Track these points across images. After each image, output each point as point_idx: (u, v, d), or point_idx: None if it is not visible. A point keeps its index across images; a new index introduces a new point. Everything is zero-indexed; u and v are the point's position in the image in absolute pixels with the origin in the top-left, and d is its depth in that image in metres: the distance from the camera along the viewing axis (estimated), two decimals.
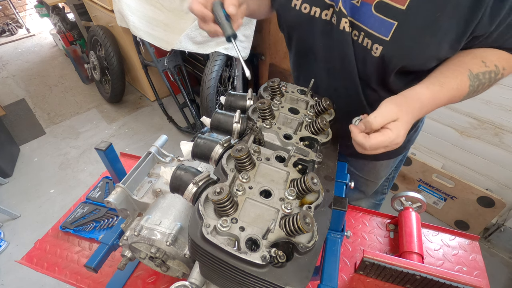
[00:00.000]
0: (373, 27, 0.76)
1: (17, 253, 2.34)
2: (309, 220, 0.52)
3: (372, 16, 0.75)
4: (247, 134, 0.74)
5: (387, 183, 1.43)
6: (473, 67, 0.74)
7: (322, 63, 0.93)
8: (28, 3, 6.05)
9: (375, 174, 1.26)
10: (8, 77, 4.44)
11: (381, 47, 0.76)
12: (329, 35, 0.85)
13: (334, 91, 0.95)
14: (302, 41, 0.95)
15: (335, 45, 0.85)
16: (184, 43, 2.44)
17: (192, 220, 0.56)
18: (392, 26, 0.72)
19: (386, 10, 0.72)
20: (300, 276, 0.51)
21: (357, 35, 0.80)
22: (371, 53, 0.79)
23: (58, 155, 3.18)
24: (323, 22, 0.84)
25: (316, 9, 0.83)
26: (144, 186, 0.95)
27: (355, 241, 1.12)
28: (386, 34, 0.74)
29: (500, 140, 1.87)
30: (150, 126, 3.45)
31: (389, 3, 0.71)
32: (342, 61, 0.87)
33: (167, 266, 0.83)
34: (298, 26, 0.91)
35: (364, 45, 0.80)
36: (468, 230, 2.23)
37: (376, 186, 1.36)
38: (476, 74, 0.74)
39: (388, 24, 0.73)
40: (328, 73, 0.94)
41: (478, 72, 0.75)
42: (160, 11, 2.65)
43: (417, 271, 0.88)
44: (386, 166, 1.23)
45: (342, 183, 0.89)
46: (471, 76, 0.74)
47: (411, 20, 0.70)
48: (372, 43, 0.77)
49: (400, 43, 0.73)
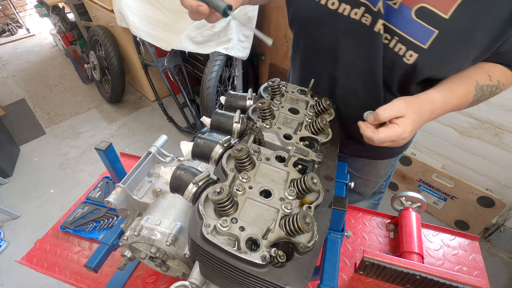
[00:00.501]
0: (411, 33, 0.72)
1: (17, 253, 2.34)
2: (309, 220, 0.52)
3: (411, 22, 0.71)
4: (247, 134, 0.74)
5: (384, 182, 1.43)
6: (480, 79, 0.78)
7: (342, 65, 0.87)
8: (28, 3, 6.05)
9: (375, 173, 1.26)
10: (8, 77, 4.44)
11: (416, 54, 0.73)
12: (356, 35, 0.79)
13: (352, 91, 0.91)
14: (319, 40, 0.88)
15: (363, 47, 0.80)
16: (184, 43, 2.44)
17: (192, 220, 0.56)
18: (432, 34, 0.69)
19: (428, 16, 0.69)
20: (300, 276, 0.51)
21: (388, 39, 0.76)
22: (402, 59, 0.75)
23: (58, 155, 3.18)
24: (351, 21, 0.77)
25: (346, 6, 0.76)
26: (144, 186, 0.95)
27: (355, 241, 1.12)
28: (424, 42, 0.71)
29: (500, 140, 1.87)
30: (150, 126, 3.45)
31: (432, 10, 0.68)
32: (368, 64, 0.82)
33: (167, 266, 0.83)
34: (318, 22, 0.83)
35: (395, 50, 0.76)
36: (468, 230, 2.23)
37: (376, 186, 1.36)
38: (481, 85, 0.78)
39: (428, 31, 0.70)
40: (348, 75, 0.89)
41: (483, 84, 0.78)
42: (160, 11, 2.65)
43: (417, 271, 0.88)
44: (387, 165, 1.23)
45: (342, 183, 0.89)
46: (477, 87, 0.78)
47: (452, 29, 0.68)
48: (407, 49, 0.73)
49: (438, 52, 0.71)
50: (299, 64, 1.03)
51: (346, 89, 0.92)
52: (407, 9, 0.71)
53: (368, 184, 1.32)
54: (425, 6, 0.68)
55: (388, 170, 1.28)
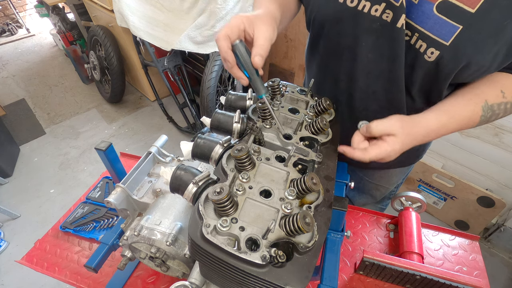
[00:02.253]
0: (432, 29, 0.68)
1: (17, 253, 2.34)
2: (309, 220, 0.52)
3: (433, 17, 0.67)
4: (247, 134, 0.74)
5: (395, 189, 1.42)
6: (490, 97, 0.73)
7: (362, 64, 0.83)
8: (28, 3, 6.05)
9: (386, 179, 1.25)
10: (8, 77, 4.44)
11: (437, 51, 0.69)
12: (377, 33, 0.75)
13: (372, 93, 0.88)
14: (338, 39, 0.85)
15: (385, 45, 0.76)
16: (184, 43, 2.45)
17: (192, 220, 0.56)
18: (456, 30, 0.65)
19: (451, 11, 0.64)
20: (300, 276, 0.51)
21: (409, 36, 0.72)
22: (423, 57, 0.72)
23: (58, 155, 3.18)
24: (372, 18, 0.74)
25: (365, 3, 0.73)
26: (144, 186, 0.95)
27: (355, 241, 1.12)
28: (446, 38, 0.66)
29: (500, 140, 1.87)
30: (150, 126, 3.45)
31: (456, 4, 0.63)
32: (389, 62, 0.78)
33: (167, 266, 0.83)
34: (338, 21, 0.81)
35: (416, 47, 0.72)
36: (468, 230, 2.23)
37: (387, 192, 1.34)
38: (491, 105, 0.73)
39: (451, 27, 0.65)
40: (367, 75, 0.85)
41: (494, 103, 0.73)
42: (160, 11, 2.65)
43: (417, 271, 0.88)
44: (399, 172, 1.22)
45: (342, 183, 0.90)
46: (485, 107, 0.73)
47: (478, 25, 0.63)
48: (428, 46, 0.70)
49: (461, 49, 0.66)
50: (317, 67, 1.00)
51: (365, 90, 0.89)
52: (428, 3, 0.67)
53: (379, 188, 1.31)
54: (448, 0, 0.64)
55: (400, 178, 1.27)
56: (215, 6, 2.31)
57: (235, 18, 0.69)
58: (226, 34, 0.67)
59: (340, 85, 0.93)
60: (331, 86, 0.96)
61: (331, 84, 0.96)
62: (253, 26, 0.70)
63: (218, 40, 0.67)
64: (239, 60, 0.69)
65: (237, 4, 2.39)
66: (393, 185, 1.31)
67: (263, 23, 0.71)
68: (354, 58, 0.84)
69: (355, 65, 0.85)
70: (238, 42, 0.68)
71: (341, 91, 0.94)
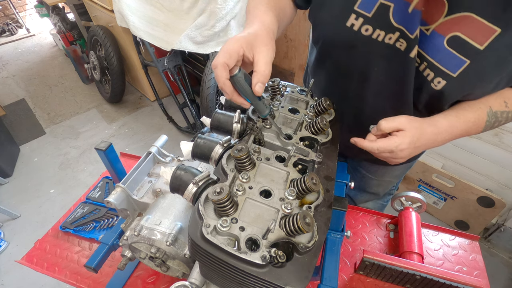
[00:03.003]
0: (441, 61, 0.71)
1: (17, 253, 2.34)
2: (309, 220, 0.52)
3: (443, 50, 0.70)
4: (247, 134, 0.74)
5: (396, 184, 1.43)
6: (494, 104, 0.77)
7: (372, 85, 0.86)
8: (28, 3, 6.05)
9: (390, 174, 1.26)
10: (8, 77, 4.44)
11: (444, 81, 0.72)
12: (389, 58, 0.78)
13: (381, 110, 0.90)
14: (348, 62, 0.86)
15: (396, 70, 0.79)
16: (184, 43, 2.45)
17: (192, 220, 0.56)
18: (463, 63, 0.68)
19: (461, 46, 0.67)
20: (300, 276, 0.51)
21: (418, 63, 0.76)
22: (430, 85, 0.75)
23: (58, 155, 3.18)
24: (385, 45, 0.76)
25: (380, 32, 0.75)
26: (144, 186, 0.95)
27: (355, 241, 1.12)
28: (453, 71, 0.70)
29: (500, 140, 1.87)
30: (150, 126, 3.45)
31: (466, 40, 0.66)
32: (399, 85, 0.82)
33: (167, 266, 0.83)
34: (350, 47, 0.82)
35: (424, 75, 0.76)
36: (468, 230, 2.23)
37: (390, 186, 1.36)
38: (495, 112, 0.77)
39: (459, 60, 0.68)
40: (377, 95, 0.89)
41: (497, 111, 0.77)
42: (160, 11, 2.65)
43: (417, 271, 0.88)
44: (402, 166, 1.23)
45: (342, 183, 0.89)
46: (490, 113, 0.77)
47: (485, 60, 0.67)
48: (435, 76, 0.73)
49: (467, 81, 0.70)
50: (324, 81, 1.00)
51: (374, 108, 0.92)
52: (440, 37, 0.69)
53: (382, 184, 1.32)
54: (459, 36, 0.67)
55: (404, 171, 1.29)
56: (215, 6, 2.31)
57: (233, 42, 0.65)
58: (224, 63, 0.63)
59: (348, 101, 0.95)
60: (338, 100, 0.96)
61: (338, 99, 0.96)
62: (253, 49, 0.67)
63: (216, 68, 0.64)
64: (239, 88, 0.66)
65: (237, 4, 2.39)
66: (397, 178, 1.32)
67: (263, 44, 0.68)
68: (365, 80, 0.86)
69: (365, 86, 0.88)
70: (237, 73, 0.65)
71: (350, 105, 0.96)
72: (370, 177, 1.27)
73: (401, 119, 0.74)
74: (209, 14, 2.37)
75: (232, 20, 2.43)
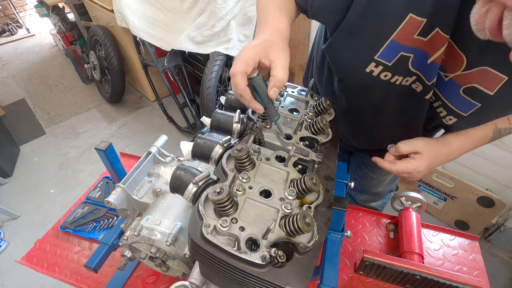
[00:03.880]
0: (455, 104, 0.77)
1: (17, 253, 2.34)
2: (309, 220, 0.52)
3: (458, 96, 0.75)
4: (247, 134, 0.74)
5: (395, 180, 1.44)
6: (499, 122, 0.83)
7: (385, 118, 0.93)
8: (28, 3, 6.05)
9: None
10: (8, 77, 4.44)
11: (455, 119, 0.79)
12: (406, 98, 0.83)
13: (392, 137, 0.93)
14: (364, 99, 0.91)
15: (410, 107, 0.86)
16: (184, 43, 2.45)
17: (192, 220, 0.56)
18: (475, 106, 0.74)
19: (475, 94, 0.72)
20: (300, 276, 0.51)
21: (432, 99, 0.81)
22: (442, 120, 0.83)
23: (58, 155, 3.18)
24: (402, 87, 0.80)
25: (398, 77, 0.78)
26: (144, 186, 0.95)
27: (355, 241, 1.12)
28: (465, 112, 0.76)
29: (500, 140, 1.87)
30: (150, 126, 3.45)
31: (479, 88, 0.71)
32: (412, 119, 0.89)
33: (167, 266, 0.83)
34: (368, 88, 0.86)
35: (437, 111, 0.82)
36: (468, 230, 2.23)
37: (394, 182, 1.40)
38: (499, 129, 0.84)
39: (471, 105, 0.74)
40: (389, 126, 0.96)
41: (501, 128, 0.84)
42: (160, 11, 2.65)
43: (417, 271, 0.88)
44: None
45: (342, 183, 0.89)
46: (495, 130, 0.84)
47: (494, 103, 0.72)
48: (447, 114, 0.80)
49: (476, 118, 0.77)
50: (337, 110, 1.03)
51: (386, 135, 0.99)
52: (457, 86, 0.74)
53: (383, 182, 1.34)
54: (474, 86, 0.71)
55: None
56: (215, 6, 2.31)
57: (249, 50, 0.67)
58: (243, 71, 0.65)
59: (360, 128, 1.06)
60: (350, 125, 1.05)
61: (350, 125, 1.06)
62: (269, 56, 0.68)
63: (235, 76, 0.65)
64: (257, 92, 0.68)
65: (237, 4, 2.39)
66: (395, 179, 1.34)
67: (279, 49, 0.69)
68: (378, 113, 0.93)
69: (378, 118, 0.95)
70: (256, 76, 0.66)
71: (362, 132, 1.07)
72: (372, 176, 1.27)
73: (418, 142, 0.81)
74: (209, 14, 2.37)
75: (232, 20, 2.43)
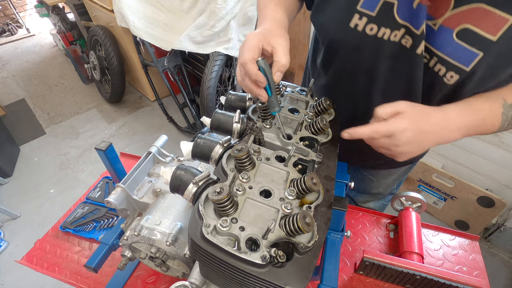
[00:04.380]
0: (452, 55, 0.68)
1: (17, 253, 2.34)
2: (309, 220, 0.52)
3: (452, 43, 0.67)
4: (247, 134, 0.74)
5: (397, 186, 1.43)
6: (508, 97, 0.70)
7: (379, 85, 0.84)
8: (28, 3, 6.05)
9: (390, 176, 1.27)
10: (8, 77, 4.44)
11: (457, 75, 0.69)
12: (396, 57, 0.76)
13: None
14: (355, 64, 0.84)
15: (403, 68, 0.77)
16: (184, 43, 2.45)
17: (192, 220, 0.56)
18: (476, 56, 0.65)
19: (472, 38, 0.64)
20: (300, 276, 0.51)
21: (427, 59, 0.73)
22: (442, 79, 0.72)
23: (58, 155, 3.18)
24: (391, 44, 0.74)
25: (385, 30, 0.73)
26: (144, 186, 0.95)
27: (355, 241, 1.12)
28: (466, 64, 0.67)
29: (500, 140, 1.87)
30: (150, 126, 3.45)
31: (477, 32, 0.63)
32: (408, 84, 0.79)
33: (167, 266, 0.83)
34: (356, 49, 0.80)
35: (435, 70, 0.73)
36: (468, 230, 2.23)
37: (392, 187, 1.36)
38: (510, 104, 0.70)
39: (470, 54, 0.65)
40: (384, 95, 0.86)
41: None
42: (160, 11, 2.65)
43: (417, 271, 0.88)
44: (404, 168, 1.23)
45: (342, 183, 0.89)
46: (505, 105, 0.70)
47: (499, 52, 0.63)
48: (447, 70, 0.70)
49: (481, 74, 0.67)
50: (327, 84, 0.99)
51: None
52: (448, 30, 0.67)
53: (382, 185, 1.32)
54: (469, 28, 0.64)
55: (405, 173, 1.29)
56: (215, 6, 2.31)
57: (252, 38, 0.70)
58: (252, 57, 0.68)
59: (354, 102, 0.94)
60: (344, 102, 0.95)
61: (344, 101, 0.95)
62: (270, 42, 0.71)
63: (246, 64, 0.68)
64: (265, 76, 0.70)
65: (237, 4, 2.40)
66: (396, 182, 1.32)
67: (278, 35, 0.72)
68: (371, 80, 0.84)
69: (372, 86, 0.86)
70: (261, 60, 0.69)
71: (356, 107, 0.94)
72: (371, 178, 1.27)
73: (399, 103, 0.68)
74: (209, 14, 2.37)
75: (232, 20, 2.43)
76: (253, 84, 0.71)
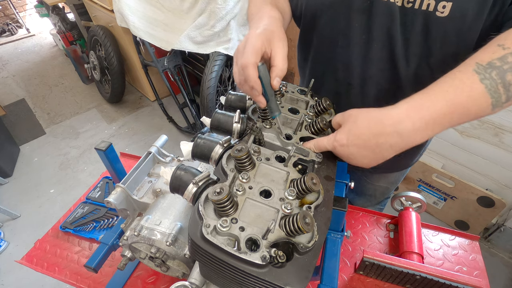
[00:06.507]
0: None
1: (17, 253, 2.34)
2: (309, 220, 0.52)
3: None
4: (247, 134, 0.74)
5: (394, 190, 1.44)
6: (483, 57, 0.56)
7: (358, 47, 0.81)
8: (28, 3, 6.05)
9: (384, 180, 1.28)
10: (8, 77, 4.44)
11: (450, 3, 0.63)
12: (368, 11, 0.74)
13: (370, 78, 0.85)
14: (331, 25, 0.83)
15: (376, 22, 0.74)
16: (184, 43, 2.45)
17: (192, 220, 0.56)
18: None
19: None
20: (300, 276, 0.51)
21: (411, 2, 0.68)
22: (435, 15, 0.65)
23: (58, 155, 3.18)
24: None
25: None
26: (144, 186, 0.95)
27: (355, 241, 1.12)
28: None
29: (500, 140, 1.87)
30: (150, 126, 3.45)
31: None
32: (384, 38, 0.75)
33: (167, 266, 0.83)
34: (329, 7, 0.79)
35: (423, 9, 0.67)
36: (468, 230, 2.23)
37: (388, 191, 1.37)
38: (489, 62, 0.55)
39: None
40: (364, 59, 0.83)
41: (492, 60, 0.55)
42: (160, 11, 2.65)
43: (417, 271, 0.88)
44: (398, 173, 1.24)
45: (342, 183, 0.89)
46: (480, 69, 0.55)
47: None
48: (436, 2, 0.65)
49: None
50: (312, 61, 0.99)
51: (363, 76, 0.86)
52: None
53: (378, 188, 1.32)
54: None
55: (399, 178, 1.30)
56: (215, 6, 2.31)
57: (256, 40, 0.67)
58: (255, 62, 0.65)
59: (337, 76, 0.92)
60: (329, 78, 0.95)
61: (329, 76, 0.95)
62: (271, 45, 0.69)
63: (247, 68, 0.65)
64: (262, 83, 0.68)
65: (237, 4, 2.39)
66: (391, 185, 1.32)
67: (279, 39, 0.70)
68: (348, 43, 0.83)
69: (350, 50, 0.84)
70: (261, 66, 0.66)
71: (339, 82, 0.93)
72: (367, 180, 1.28)
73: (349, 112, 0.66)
74: (209, 14, 2.37)
75: (232, 20, 2.43)
76: (251, 90, 0.69)
